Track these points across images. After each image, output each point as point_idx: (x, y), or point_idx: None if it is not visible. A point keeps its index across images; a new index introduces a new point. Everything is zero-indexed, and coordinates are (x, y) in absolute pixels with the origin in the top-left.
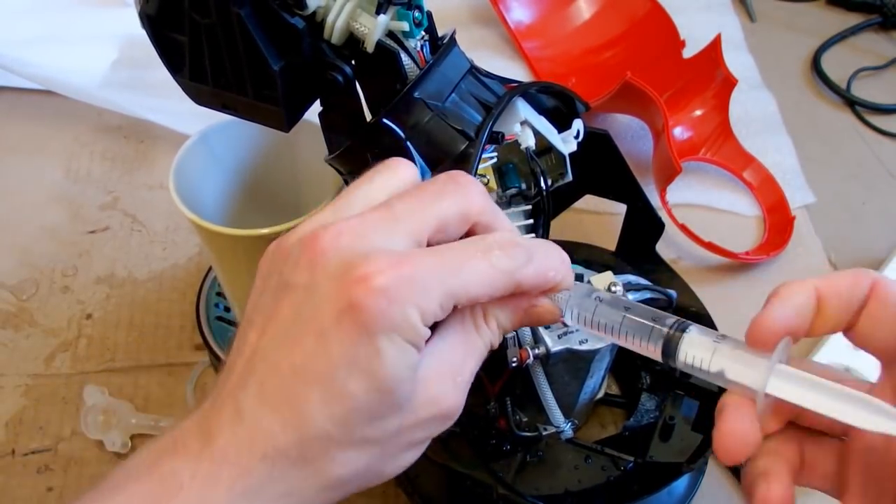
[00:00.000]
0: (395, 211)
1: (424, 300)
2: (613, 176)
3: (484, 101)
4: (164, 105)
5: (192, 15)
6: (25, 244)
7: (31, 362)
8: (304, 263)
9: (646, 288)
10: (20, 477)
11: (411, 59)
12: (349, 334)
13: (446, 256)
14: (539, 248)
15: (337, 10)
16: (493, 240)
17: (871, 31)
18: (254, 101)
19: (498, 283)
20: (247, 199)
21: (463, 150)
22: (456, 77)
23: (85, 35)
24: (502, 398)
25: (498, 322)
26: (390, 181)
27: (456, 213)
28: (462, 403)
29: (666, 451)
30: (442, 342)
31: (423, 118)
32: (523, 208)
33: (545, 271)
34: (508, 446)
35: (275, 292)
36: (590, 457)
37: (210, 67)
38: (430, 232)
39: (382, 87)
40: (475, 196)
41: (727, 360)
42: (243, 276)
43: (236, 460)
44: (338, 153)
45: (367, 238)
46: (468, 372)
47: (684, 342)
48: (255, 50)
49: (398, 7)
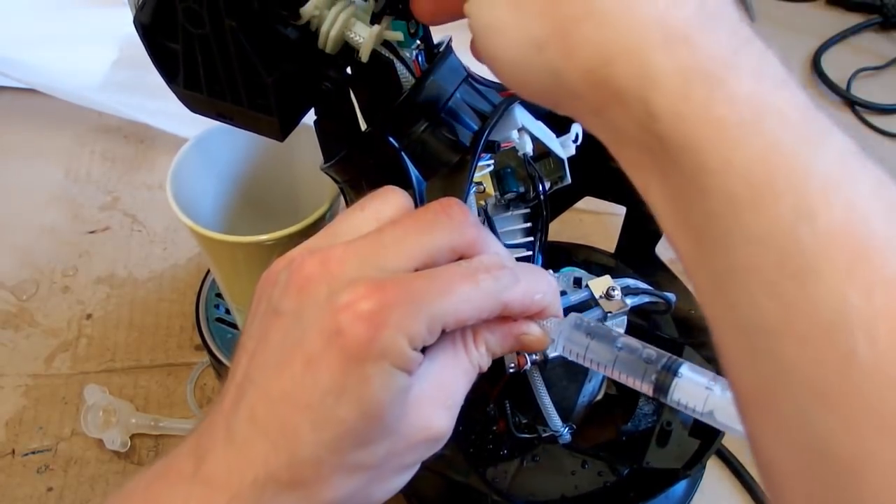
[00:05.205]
0: (384, 240)
1: (411, 325)
2: (613, 178)
3: (480, 111)
4: (164, 107)
5: (186, 25)
6: (25, 244)
7: (31, 362)
8: (292, 290)
9: (644, 292)
10: (20, 477)
11: (406, 69)
12: (337, 361)
13: (432, 280)
14: (526, 271)
15: (331, 20)
16: (480, 262)
17: (871, 31)
18: (248, 110)
19: (485, 305)
20: (245, 203)
21: (458, 161)
22: (451, 86)
23: (85, 35)
24: (501, 400)
25: (488, 345)
26: (383, 210)
27: (446, 247)
28: (452, 426)
29: (663, 456)
30: (432, 365)
31: (418, 129)
32: (522, 211)
33: (532, 294)
34: (506, 451)
35: (264, 318)
36: (587, 462)
37: (204, 77)
38: (419, 264)
39: (377, 97)
40: (467, 230)
41: (718, 402)
42: (242, 280)
43: (227, 483)
44: (332, 163)
45: (354, 265)
46: (458, 395)
47: (676, 388)
48: (249, 61)
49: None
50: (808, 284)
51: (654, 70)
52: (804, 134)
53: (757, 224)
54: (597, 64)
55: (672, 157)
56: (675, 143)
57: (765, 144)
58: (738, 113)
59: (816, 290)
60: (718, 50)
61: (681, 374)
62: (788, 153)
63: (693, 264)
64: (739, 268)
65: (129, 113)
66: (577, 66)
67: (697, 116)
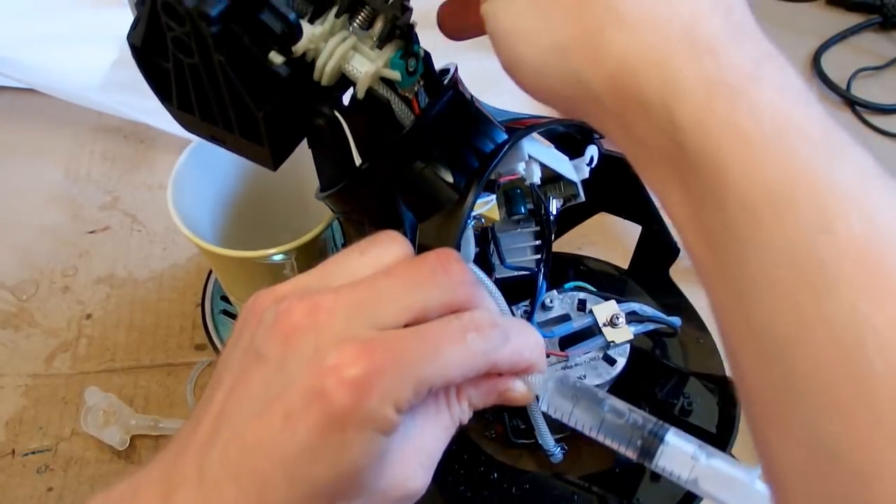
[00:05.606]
0: (376, 292)
1: (399, 391)
2: (629, 197)
3: (480, 151)
4: (163, 107)
5: (176, 53)
6: (25, 244)
7: (31, 362)
8: (277, 336)
9: (649, 319)
10: (20, 477)
11: (406, 106)
12: (318, 423)
13: (422, 341)
14: (515, 328)
15: (328, 54)
16: (471, 320)
17: (871, 31)
18: (240, 138)
19: (473, 365)
20: (245, 210)
21: (456, 201)
22: (452, 124)
23: (85, 35)
24: (500, 409)
25: (470, 401)
26: (383, 257)
27: (439, 304)
28: (428, 482)
29: (654, 493)
30: (412, 422)
31: (414, 169)
32: (532, 229)
33: (521, 352)
34: (496, 475)
35: (245, 356)
36: (576, 493)
37: (196, 102)
38: (410, 320)
39: (373, 132)
40: (462, 289)
41: (703, 471)
42: (246, 287)
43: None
44: (327, 195)
45: (344, 317)
46: (437, 452)
47: (662, 454)
48: (238, 94)
49: (393, 55)
50: (825, 297)
51: (680, 80)
52: (824, 149)
53: (776, 236)
54: (622, 72)
55: (693, 166)
56: (697, 154)
57: (786, 158)
58: (760, 126)
59: (832, 303)
60: (742, 62)
61: (667, 441)
62: (809, 168)
63: (710, 274)
64: (756, 279)
65: (129, 113)
66: (602, 73)
67: (720, 128)
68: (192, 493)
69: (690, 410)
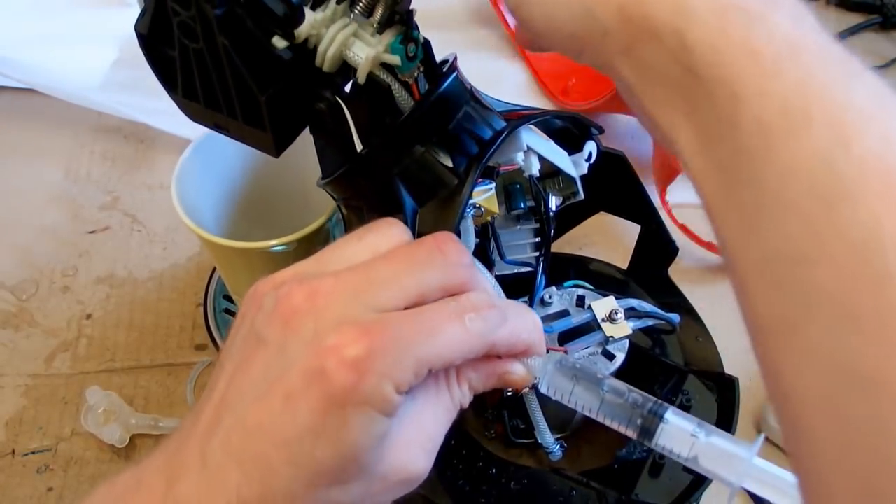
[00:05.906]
0: (374, 275)
1: (398, 371)
2: (628, 196)
3: (479, 137)
4: (164, 107)
5: (181, 39)
6: (25, 244)
7: (31, 362)
8: (277, 320)
9: (647, 315)
10: (20, 477)
11: (406, 91)
12: (318, 403)
13: (421, 322)
14: (513, 310)
15: (329, 39)
16: (469, 301)
17: (871, 31)
18: (244, 124)
19: (472, 346)
20: (248, 202)
21: (454, 186)
22: (451, 109)
23: (85, 35)
24: (500, 409)
25: (470, 384)
26: (381, 244)
27: (437, 286)
28: (430, 467)
29: (653, 489)
30: (413, 405)
31: (414, 153)
32: (531, 226)
33: (519, 333)
34: (494, 470)
35: (245, 342)
36: (575, 489)
37: (201, 89)
38: (408, 303)
39: (374, 118)
40: (459, 270)
41: (702, 448)
42: (248, 282)
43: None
44: (327, 181)
45: (342, 301)
46: (438, 436)
47: (662, 432)
48: (242, 78)
49: (392, 40)
50: (841, 208)
51: (692, 6)
52: (839, 70)
53: (790, 153)
54: (632, 1)
55: (705, 89)
56: (709, 75)
57: (801, 76)
58: (775, 46)
59: (849, 214)
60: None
61: (666, 419)
62: (824, 85)
63: (719, 202)
64: (770, 198)
65: (129, 113)
66: (611, 4)
67: (734, 49)
68: (196, 480)
69: (689, 407)
